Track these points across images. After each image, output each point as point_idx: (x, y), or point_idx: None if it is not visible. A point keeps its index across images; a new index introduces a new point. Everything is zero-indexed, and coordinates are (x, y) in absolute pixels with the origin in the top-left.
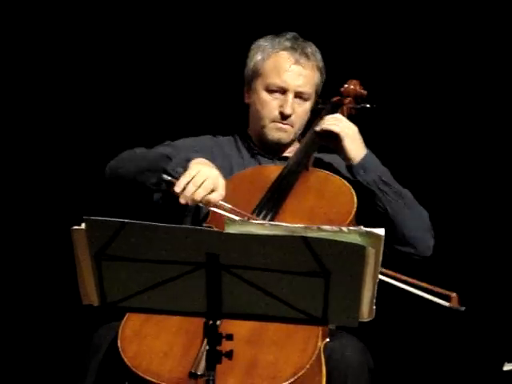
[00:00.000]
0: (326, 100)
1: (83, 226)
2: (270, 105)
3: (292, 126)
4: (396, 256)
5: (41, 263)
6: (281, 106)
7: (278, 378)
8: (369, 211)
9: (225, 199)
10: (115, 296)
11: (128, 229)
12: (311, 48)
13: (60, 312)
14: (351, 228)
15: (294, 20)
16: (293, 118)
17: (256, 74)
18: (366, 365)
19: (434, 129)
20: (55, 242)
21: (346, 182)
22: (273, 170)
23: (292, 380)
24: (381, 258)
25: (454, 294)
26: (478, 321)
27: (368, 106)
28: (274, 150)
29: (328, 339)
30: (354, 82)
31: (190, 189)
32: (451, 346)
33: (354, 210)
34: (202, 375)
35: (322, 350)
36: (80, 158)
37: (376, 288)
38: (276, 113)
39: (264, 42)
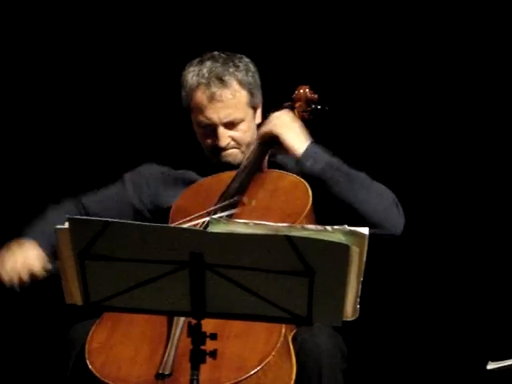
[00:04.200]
0: (277, 107)
1: (67, 225)
2: (206, 139)
3: (237, 148)
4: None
5: None
6: (215, 140)
7: (245, 368)
8: (328, 203)
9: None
10: (99, 295)
11: (112, 228)
12: (230, 71)
13: (43, 310)
14: (335, 227)
15: (243, 27)
16: (233, 143)
17: (187, 108)
18: (339, 350)
19: (391, 127)
20: None
21: (299, 178)
22: (228, 175)
23: (258, 368)
24: (365, 257)
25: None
26: (462, 319)
27: (319, 107)
28: (232, 166)
29: (296, 330)
30: (304, 87)
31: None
32: (436, 343)
33: (310, 203)
34: (169, 375)
35: (289, 339)
36: (64, 158)
37: (360, 287)
38: (213, 145)
39: (186, 75)
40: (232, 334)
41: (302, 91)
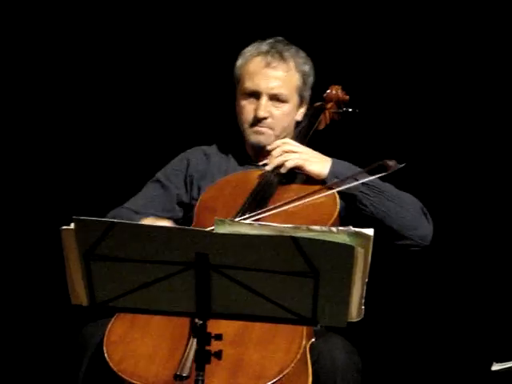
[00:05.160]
0: (308, 106)
1: (72, 225)
2: (246, 109)
3: (271, 129)
4: (397, 250)
5: (30, 263)
6: (255, 110)
7: (263, 378)
8: (357, 215)
9: (209, 203)
10: (104, 296)
11: (117, 229)
12: (290, 51)
13: (49, 311)
14: (340, 228)
15: (279, 26)
16: (269, 121)
17: (236, 80)
18: (355, 365)
19: (418, 132)
20: (44, 241)
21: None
22: (256, 174)
23: (277, 379)
24: (370, 258)
25: (387, 162)
26: (467, 321)
27: (350, 110)
28: (260, 154)
29: (314, 339)
30: (336, 87)
31: None
32: (441, 346)
33: (337, 211)
34: (187, 377)
35: (307, 349)
36: (70, 158)
37: (365, 288)
38: (252, 117)
39: (247, 48)
40: (253, 341)
41: (334, 92)
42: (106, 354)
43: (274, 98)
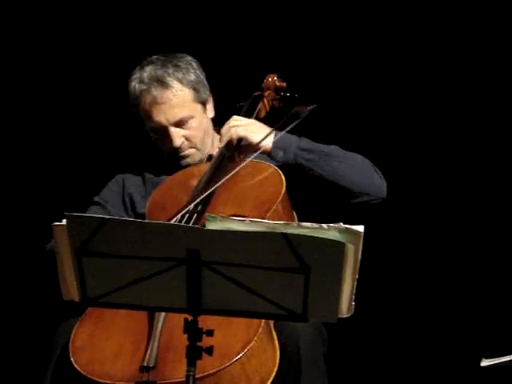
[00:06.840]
0: (247, 97)
1: (64, 222)
2: (161, 143)
3: (193, 147)
4: (356, 209)
5: (21, 259)
6: (170, 142)
7: (228, 355)
8: (311, 185)
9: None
10: (96, 292)
11: (109, 225)
12: (169, 72)
13: (41, 307)
14: (331, 225)
15: (210, 19)
16: (187, 143)
17: (135, 112)
18: (319, 334)
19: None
20: (36, 238)
21: (271, 165)
22: (201, 167)
23: (242, 354)
24: (360, 255)
25: (296, 108)
26: (457, 318)
27: (288, 94)
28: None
29: None
30: (272, 75)
31: None
32: (430, 342)
33: (284, 188)
34: (153, 367)
35: (271, 325)
36: (62, 155)
37: (355, 284)
38: (169, 147)
39: (130, 84)
40: (214, 323)
41: (270, 80)
42: (72, 359)
43: (180, 123)
